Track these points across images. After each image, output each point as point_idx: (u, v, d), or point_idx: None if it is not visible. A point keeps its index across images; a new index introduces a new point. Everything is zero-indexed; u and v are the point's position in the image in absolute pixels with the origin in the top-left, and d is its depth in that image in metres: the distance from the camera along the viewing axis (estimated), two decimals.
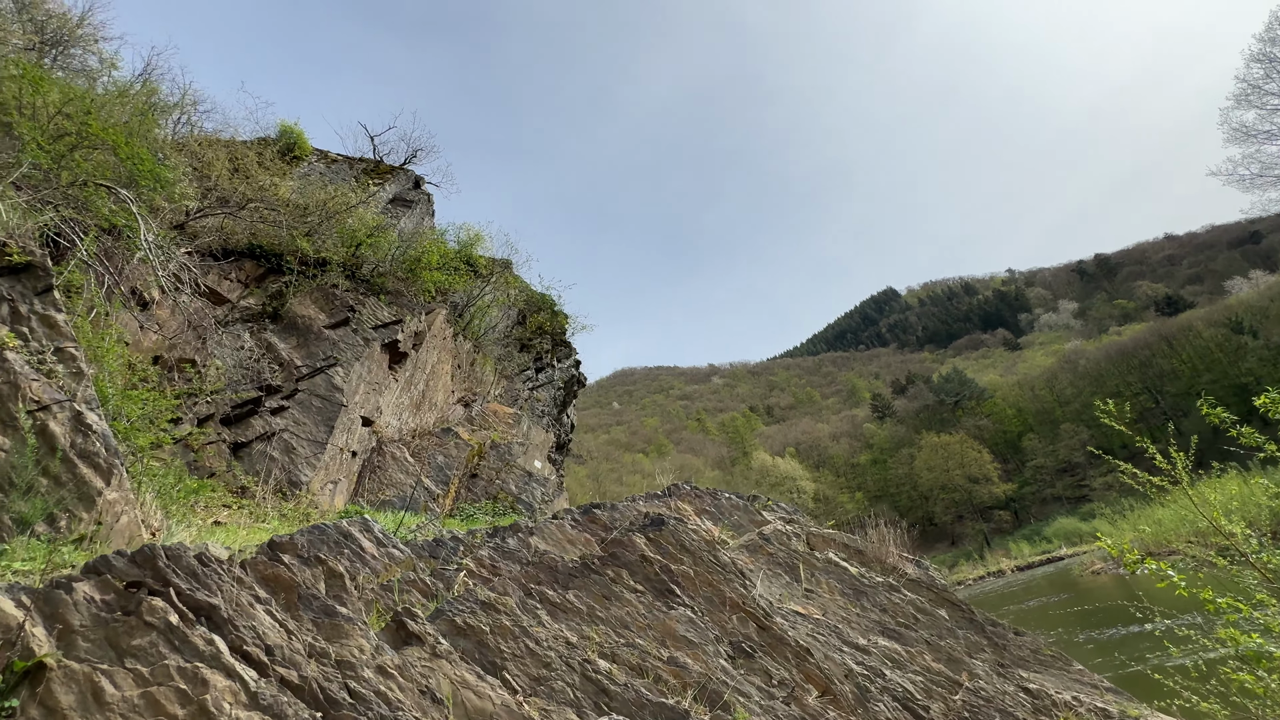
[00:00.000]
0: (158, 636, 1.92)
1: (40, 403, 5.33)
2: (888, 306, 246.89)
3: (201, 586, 2.18)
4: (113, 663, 1.83)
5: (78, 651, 1.84)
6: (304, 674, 2.05)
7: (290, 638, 2.20)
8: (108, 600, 1.98)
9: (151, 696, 1.77)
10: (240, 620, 2.13)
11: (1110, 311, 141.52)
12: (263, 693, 1.91)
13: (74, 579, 2.02)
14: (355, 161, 23.12)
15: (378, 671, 2.25)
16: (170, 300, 11.21)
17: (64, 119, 10.23)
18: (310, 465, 11.19)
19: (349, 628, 2.39)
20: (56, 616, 1.88)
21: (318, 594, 2.51)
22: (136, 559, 2.18)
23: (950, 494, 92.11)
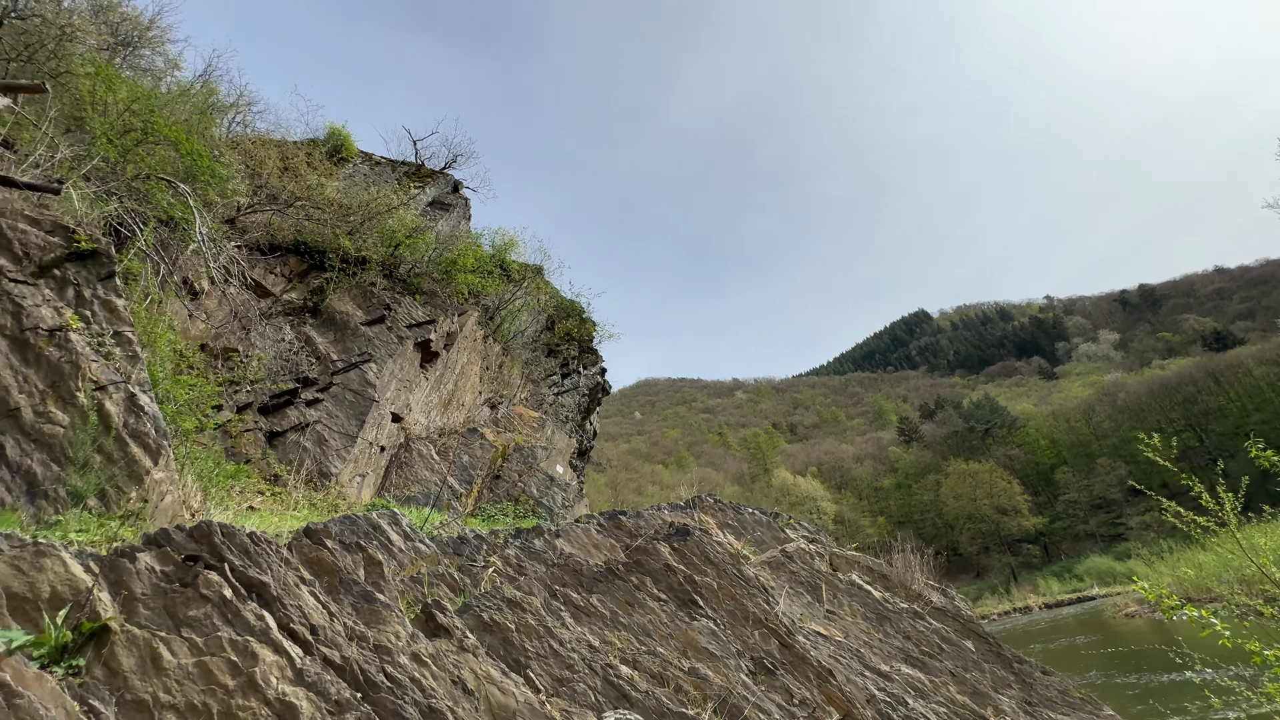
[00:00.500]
0: (212, 609, 2.01)
1: (98, 383, 5.60)
2: (919, 329, 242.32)
3: (253, 564, 2.28)
4: (170, 631, 1.92)
5: (138, 618, 1.94)
6: (345, 655, 2.12)
7: (332, 619, 2.28)
8: (167, 571, 2.08)
9: (205, 666, 1.85)
10: (288, 599, 2.21)
11: (1153, 344, 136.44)
12: (308, 670, 1.98)
13: (136, 549, 2.13)
14: (398, 164, 23.77)
15: (413, 659, 2.31)
16: (218, 291, 11.66)
17: (131, 116, 10.77)
18: (340, 457, 11.46)
19: (386, 614, 2.46)
20: (120, 584, 1.99)
21: (357, 580, 2.58)
22: (194, 534, 2.29)
23: (977, 524, 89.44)
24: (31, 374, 5.56)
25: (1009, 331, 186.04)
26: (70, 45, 13.34)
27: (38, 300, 6.23)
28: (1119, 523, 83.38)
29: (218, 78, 18.26)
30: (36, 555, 1.97)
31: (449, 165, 26.11)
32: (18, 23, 12.91)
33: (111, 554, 2.07)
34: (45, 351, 5.71)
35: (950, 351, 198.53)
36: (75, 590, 1.90)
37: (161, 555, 2.14)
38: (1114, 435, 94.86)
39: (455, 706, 2.17)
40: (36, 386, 5.50)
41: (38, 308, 6.11)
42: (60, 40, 13.02)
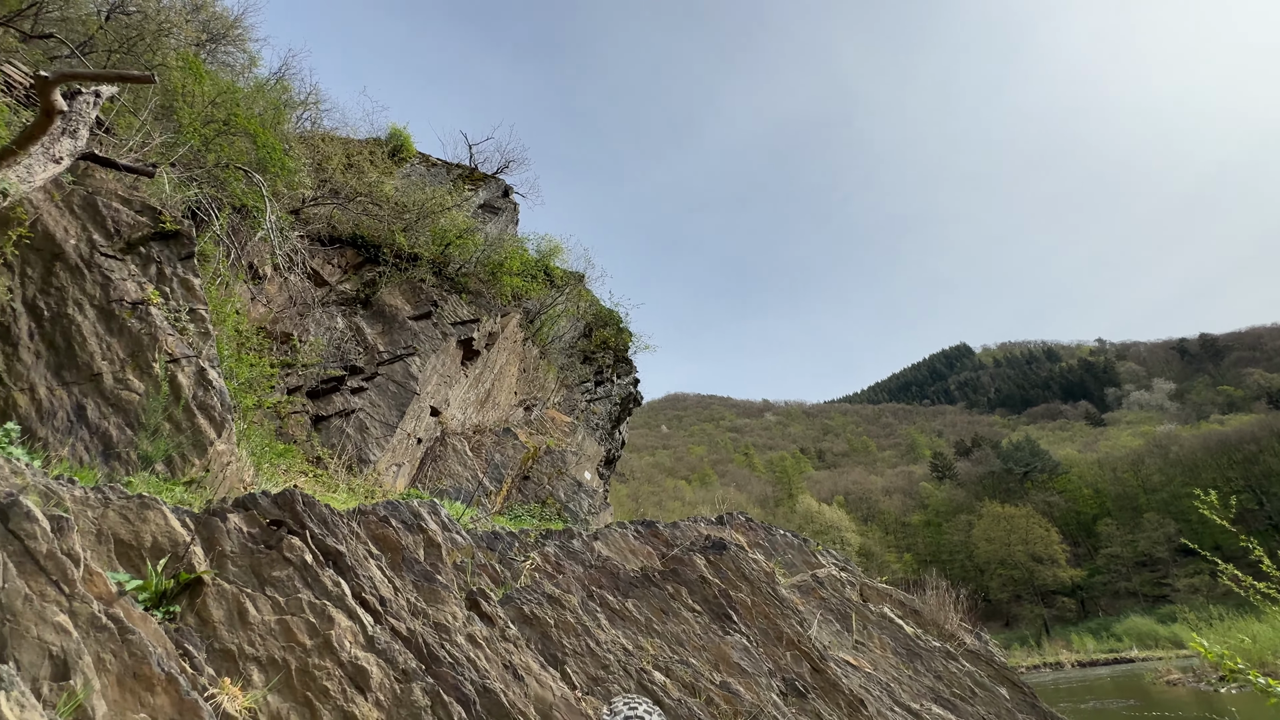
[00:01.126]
0: (294, 572, 2.14)
1: (173, 355, 5.94)
2: (959, 363, 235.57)
3: (330, 534, 2.40)
4: (255, 589, 2.05)
5: (228, 574, 2.07)
6: (411, 628, 2.21)
7: (396, 594, 2.38)
8: (254, 533, 2.23)
9: (286, 624, 1.97)
10: (360, 570, 2.32)
11: (1213, 397, 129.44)
12: (378, 638, 2.08)
13: (227, 510, 2.29)
14: (453, 167, 24.51)
15: (468, 639, 2.39)
16: (280, 278, 12.21)
17: (214, 108, 11.45)
18: (380, 446, 11.79)
19: (445, 595, 2.55)
20: (212, 541, 2.13)
21: (418, 559, 2.69)
22: (279, 501, 2.44)
23: (1009, 571, 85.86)
24: (114, 343, 5.94)
25: (1055, 373, 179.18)
26: (165, 40, 14.27)
27: (124, 275, 6.66)
28: (1164, 583, 78.93)
29: (291, 76, 19.22)
30: (141, 508, 2.13)
31: (501, 170, 26.81)
32: (122, 18, 13.87)
33: (205, 512, 2.22)
34: (128, 323, 6.10)
35: (991, 389, 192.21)
36: (174, 542, 2.05)
37: (249, 518, 2.28)
38: (1164, 490, 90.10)
39: (507, 690, 2.23)
40: (118, 355, 5.87)
41: (124, 281, 6.53)
42: (158, 35, 13.92)
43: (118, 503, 2.08)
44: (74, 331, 5.89)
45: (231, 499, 2.54)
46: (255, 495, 2.43)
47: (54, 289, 6.16)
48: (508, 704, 2.16)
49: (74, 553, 1.76)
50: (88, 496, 2.07)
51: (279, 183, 12.73)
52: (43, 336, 5.81)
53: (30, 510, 1.77)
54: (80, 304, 6.13)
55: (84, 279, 6.36)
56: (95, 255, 6.55)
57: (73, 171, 7.12)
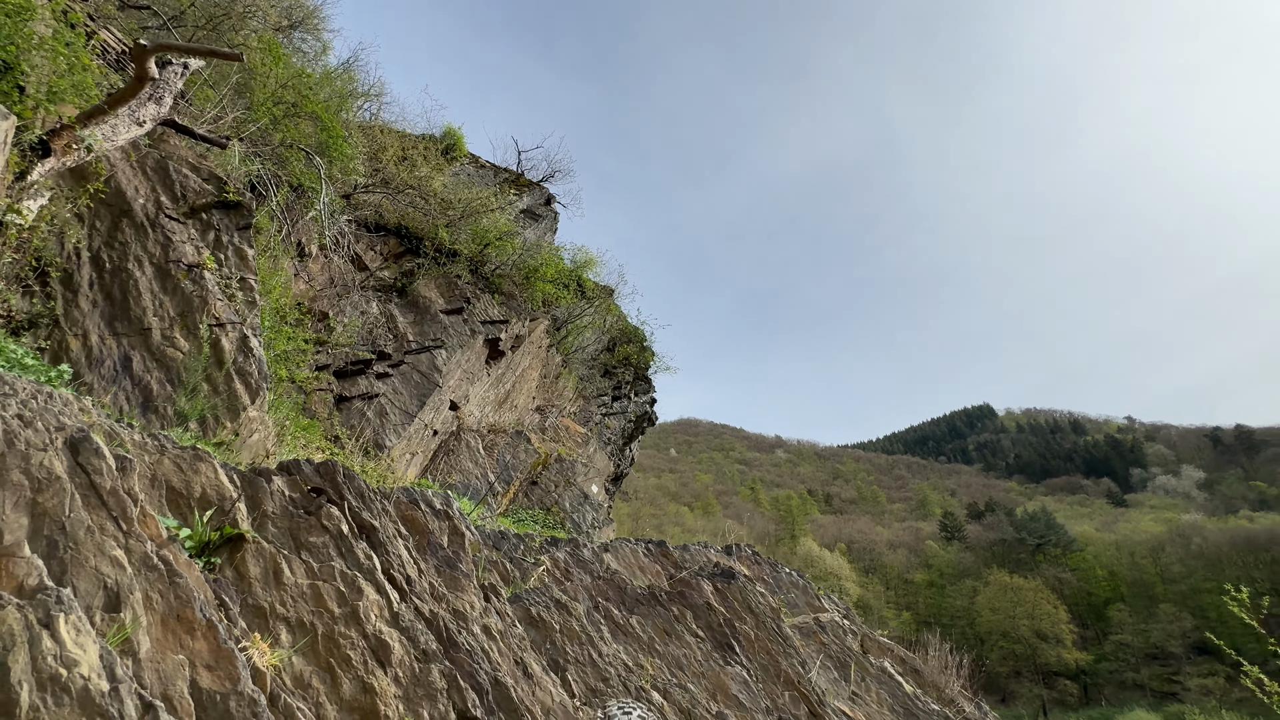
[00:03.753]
0: (330, 540, 2.19)
1: (219, 320, 6.14)
2: (980, 424, 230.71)
3: (366, 508, 2.47)
4: (292, 551, 2.11)
5: (267, 533, 2.14)
6: (434, 610, 2.25)
7: (420, 575, 2.42)
8: (295, 498, 2.30)
9: (317, 590, 2.02)
10: (390, 547, 2.38)
11: (1244, 492, 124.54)
12: (402, 615, 2.12)
13: (272, 472, 2.37)
14: (500, 170, 25.08)
15: (484, 631, 2.41)
16: (324, 258, 12.57)
17: (285, 90, 11.93)
18: (397, 433, 11.95)
19: (465, 583, 2.59)
20: (256, 500, 2.20)
21: (443, 545, 2.74)
22: (320, 470, 2.51)
23: (1011, 644, 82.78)
24: (167, 301, 6.17)
25: (1080, 446, 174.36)
26: (249, 20, 14.96)
27: (184, 238, 6.93)
28: (1174, 680, 75.32)
29: (358, 67, 19.97)
30: (194, 459, 2.22)
31: (546, 179, 27.34)
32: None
33: (251, 471, 2.30)
34: (181, 284, 6.33)
35: (1011, 454, 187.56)
36: (221, 497, 2.13)
37: (292, 482, 2.35)
38: (1183, 582, 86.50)
39: (517, 685, 2.25)
40: (168, 313, 6.09)
41: (183, 244, 6.79)
42: (242, 15, 14.62)
43: (173, 452, 2.17)
44: (131, 286, 6.13)
45: (274, 463, 2.62)
46: (299, 461, 2.51)
47: (118, 243, 6.44)
48: (516, 700, 2.17)
49: (134, 492, 1.84)
50: (145, 442, 2.17)
51: (335, 167, 13.18)
52: (101, 287, 6.06)
53: (99, 447, 1.86)
54: (140, 261, 6.39)
55: (147, 237, 6.64)
56: (160, 216, 6.83)
57: (150, 135, 7.47)
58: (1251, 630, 9.37)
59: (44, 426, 1.76)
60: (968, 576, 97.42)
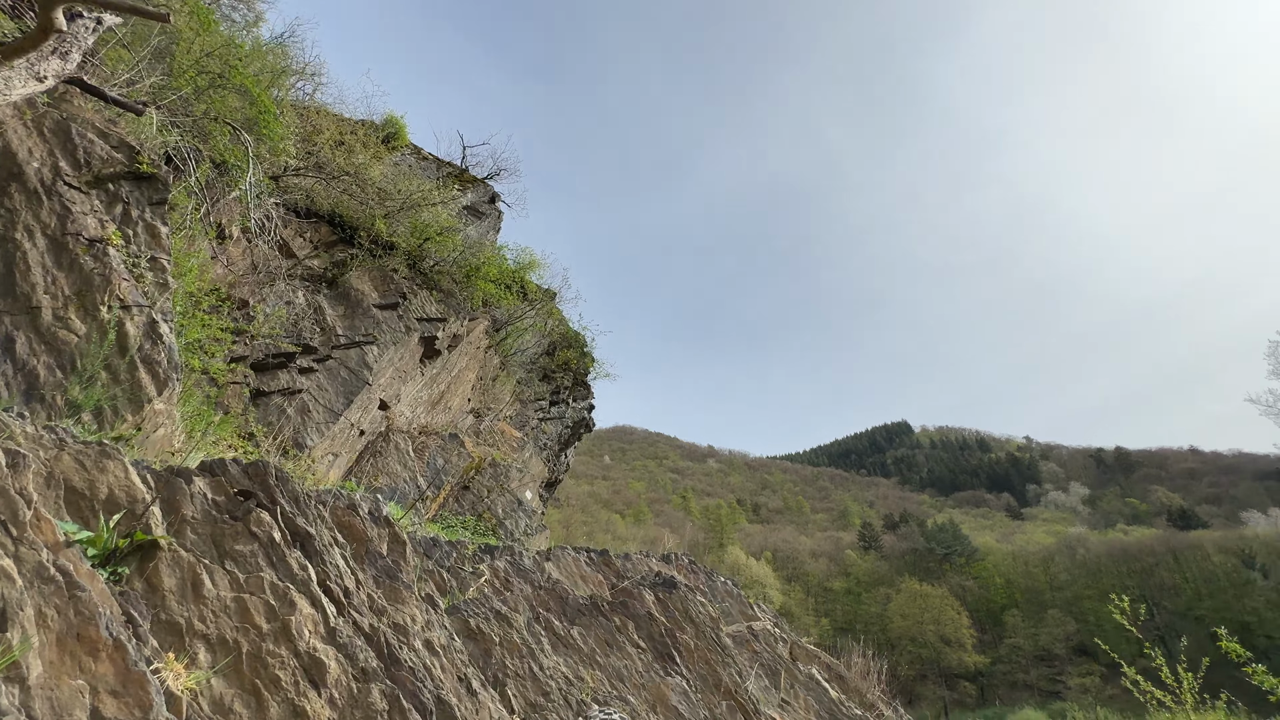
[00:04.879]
0: (259, 549, 1.97)
1: (124, 302, 5.58)
2: (899, 439, 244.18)
3: (301, 514, 2.25)
4: (214, 560, 1.88)
5: (185, 541, 1.90)
6: (373, 624, 2.07)
7: (359, 587, 2.24)
8: (219, 501, 2.06)
9: (243, 603, 1.81)
10: (326, 556, 2.17)
11: (1121, 508, 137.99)
12: (339, 630, 1.93)
13: (192, 472, 2.12)
14: (444, 164, 24.34)
15: (425, 645, 2.26)
16: (246, 241, 11.72)
17: (210, 59, 11.09)
18: (319, 432, 11.26)
19: (406, 595, 2.42)
20: (173, 503, 1.96)
21: (382, 554, 2.55)
22: (249, 471, 2.27)
23: (919, 648, 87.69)
24: (61, 278, 5.55)
25: (984, 462, 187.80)
26: None
27: (86, 209, 6.28)
28: (1058, 679, 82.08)
29: (294, 42, 18.86)
30: (101, 456, 1.95)
31: (491, 176, 26.76)
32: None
33: (168, 471, 2.04)
34: (81, 259, 5.72)
35: (924, 469, 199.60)
36: (131, 499, 1.87)
37: (215, 484, 2.11)
38: (1068, 589, 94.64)
39: (461, 704, 2.10)
40: (63, 291, 5.48)
41: (84, 215, 6.15)
42: None
43: (74, 447, 1.90)
44: (18, 258, 5.48)
45: (180, 461, 2.37)
46: (225, 460, 2.26)
47: (4, 209, 5.74)
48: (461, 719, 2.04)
49: (26, 493, 1.58)
50: (41, 435, 1.88)
51: (264, 146, 12.36)
52: None
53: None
54: (31, 230, 5.73)
55: (40, 205, 5.96)
56: (58, 183, 6.16)
57: (51, 94, 6.74)
58: (1125, 633, 10.32)
59: None
60: (882, 584, 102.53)
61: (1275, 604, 76.46)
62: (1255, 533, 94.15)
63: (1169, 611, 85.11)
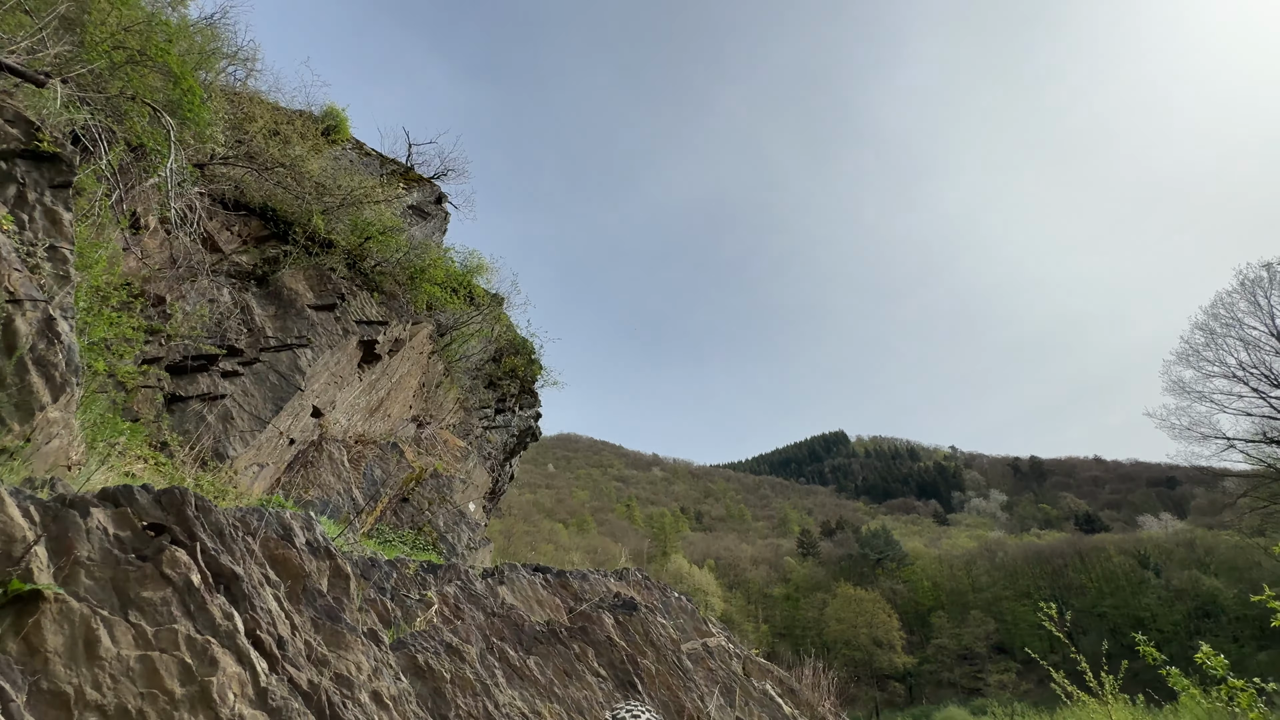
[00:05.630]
0: (172, 595, 1.64)
1: (14, 295, 4.93)
2: (836, 448, 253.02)
3: (226, 550, 1.90)
4: (114, 611, 1.54)
5: (79, 587, 1.55)
6: (312, 680, 1.76)
7: (294, 633, 1.92)
8: (123, 537, 1.70)
9: (151, 663, 1.48)
10: (256, 600, 1.84)
11: (1034, 513, 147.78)
12: (273, 692, 1.62)
13: (90, 503, 1.75)
14: (388, 161, 23.40)
15: (373, 698, 1.96)
16: (165, 233, 10.77)
17: (128, 34, 10.19)
18: (244, 441, 10.43)
19: (351, 639, 2.11)
20: (64, 542, 1.60)
21: (322, 591, 2.23)
22: (161, 499, 1.91)
23: (853, 651, 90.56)
24: None
25: (914, 471, 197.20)
26: None
27: None
28: (979, 677, 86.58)
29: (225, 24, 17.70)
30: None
31: (438, 176, 25.95)
32: None
33: (57, 502, 1.68)
34: None
35: (860, 477, 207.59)
36: (8, 538, 1.51)
37: (119, 516, 1.75)
38: (988, 590, 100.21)
39: None
40: None
41: None
42: None
43: None
44: None
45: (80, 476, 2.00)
46: (132, 488, 1.89)
47: None
48: None
49: None
50: None
51: (188, 130, 11.46)
52: None
53: None
54: None
55: None
56: None
57: None
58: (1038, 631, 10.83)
59: None
60: (819, 590, 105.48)
61: (1167, 600, 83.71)
62: (1149, 535, 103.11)
63: (1076, 609, 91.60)
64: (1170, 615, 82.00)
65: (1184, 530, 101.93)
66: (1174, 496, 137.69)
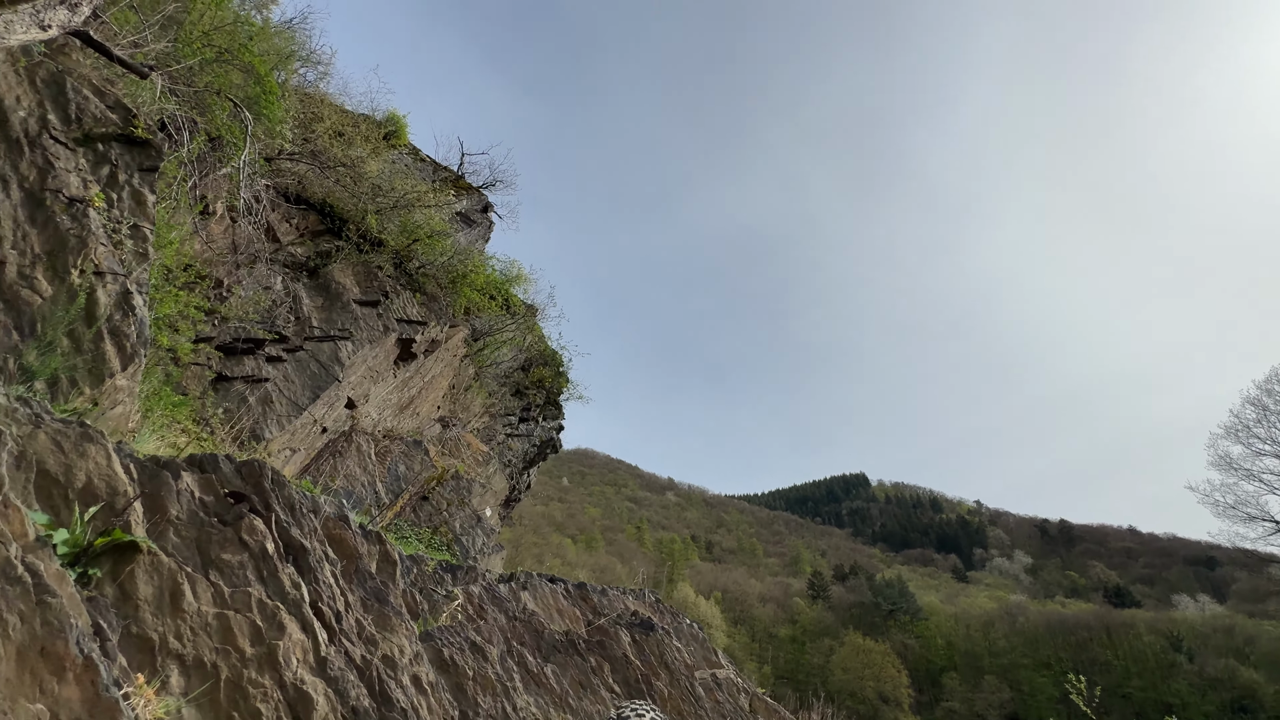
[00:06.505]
0: (249, 560, 1.75)
1: (99, 267, 5.27)
2: (856, 491, 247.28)
3: (296, 524, 2.03)
4: (197, 569, 1.65)
5: (168, 544, 1.67)
6: (365, 656, 1.85)
7: (348, 611, 2.02)
8: (208, 502, 1.84)
9: (226, 621, 1.58)
10: (320, 574, 1.95)
11: (1061, 580, 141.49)
12: (331, 661, 1.71)
13: (181, 466, 1.89)
14: (440, 168, 24.21)
15: (414, 681, 2.04)
16: (229, 220, 11.33)
17: (218, 33, 10.89)
18: (280, 425, 10.78)
19: (396, 622, 2.20)
20: (157, 500, 1.74)
21: (372, 573, 2.33)
22: (243, 470, 2.05)
23: (857, 704, 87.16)
24: (33, 235, 5.23)
25: (935, 522, 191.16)
26: None
27: (70, 166, 5.98)
28: None
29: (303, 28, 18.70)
30: (82, 439, 1.72)
31: (487, 186, 26.69)
32: None
33: (153, 462, 1.82)
34: (57, 217, 5.41)
35: (878, 522, 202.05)
36: (111, 490, 1.65)
37: (204, 482, 1.89)
38: (1006, 656, 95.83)
39: None
40: (33, 248, 5.15)
41: (67, 173, 5.85)
42: None
43: (51, 425, 1.68)
44: None
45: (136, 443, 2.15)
46: (217, 457, 2.04)
47: None
48: None
49: (0, 474, 1.37)
50: (14, 408, 1.66)
51: (260, 126, 12.10)
52: None
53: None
54: (7, 181, 5.40)
55: (20, 156, 5.64)
56: (44, 136, 5.85)
57: (50, 45, 6.46)
58: (1056, 706, 10.42)
59: None
60: (826, 635, 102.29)
61: (1200, 688, 78.78)
62: (1184, 616, 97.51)
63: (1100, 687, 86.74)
64: (1203, 705, 77.06)
65: (1223, 615, 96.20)
66: (1213, 578, 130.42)
